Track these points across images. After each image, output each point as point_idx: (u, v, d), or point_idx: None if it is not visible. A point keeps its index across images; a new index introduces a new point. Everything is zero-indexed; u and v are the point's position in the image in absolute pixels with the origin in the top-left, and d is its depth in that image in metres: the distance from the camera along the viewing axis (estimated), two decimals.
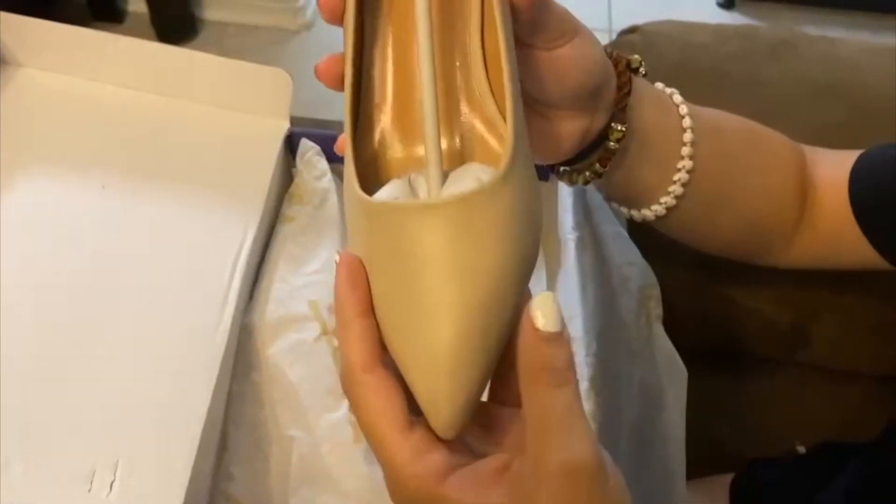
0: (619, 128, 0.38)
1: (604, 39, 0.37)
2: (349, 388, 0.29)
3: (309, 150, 0.51)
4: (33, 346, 0.40)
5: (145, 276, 0.43)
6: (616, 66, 0.38)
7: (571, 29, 0.35)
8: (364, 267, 0.28)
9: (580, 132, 0.38)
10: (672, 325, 0.58)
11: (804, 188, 0.46)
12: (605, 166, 0.39)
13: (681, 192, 0.41)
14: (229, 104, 0.51)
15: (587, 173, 0.40)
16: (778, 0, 2.07)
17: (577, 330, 0.45)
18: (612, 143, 0.38)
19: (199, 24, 1.93)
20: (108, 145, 0.48)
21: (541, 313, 0.26)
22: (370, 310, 0.28)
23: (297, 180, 0.51)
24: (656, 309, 0.55)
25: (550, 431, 0.27)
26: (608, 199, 0.45)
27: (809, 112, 0.72)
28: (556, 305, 0.27)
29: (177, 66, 0.50)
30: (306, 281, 0.45)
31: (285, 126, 0.51)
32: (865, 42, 0.80)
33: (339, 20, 0.32)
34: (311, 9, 1.96)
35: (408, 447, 0.28)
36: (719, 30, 0.82)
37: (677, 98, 0.41)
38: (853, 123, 0.70)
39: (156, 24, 1.88)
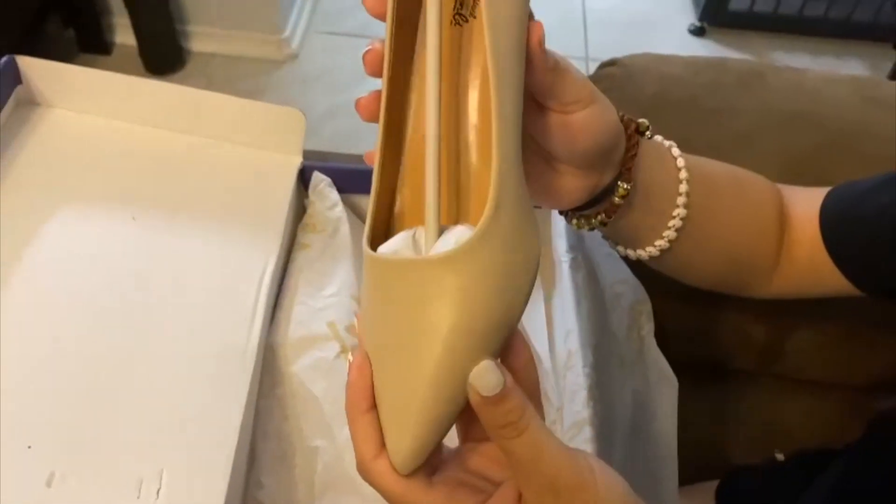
0: (625, 186, 0.41)
1: (580, 68, 0.39)
2: (365, 474, 0.32)
3: (321, 183, 0.55)
4: (80, 369, 0.43)
5: (178, 301, 0.46)
6: (626, 129, 0.41)
7: (587, 96, 0.36)
8: (370, 367, 0.31)
9: (587, 187, 0.40)
10: (656, 339, 0.61)
11: (782, 225, 0.50)
12: (609, 217, 0.42)
13: (674, 237, 0.45)
14: (248, 141, 0.54)
15: (593, 220, 0.43)
16: (746, 28, 2.15)
17: (573, 343, 0.49)
18: (617, 199, 0.41)
19: (185, 56, 1.96)
20: (137, 180, 0.52)
21: (479, 385, 0.29)
22: (374, 405, 0.31)
23: (309, 210, 0.54)
24: (648, 323, 0.59)
25: (527, 471, 0.31)
26: (605, 238, 0.48)
27: (779, 138, 0.76)
28: (491, 371, 0.29)
29: (199, 106, 0.53)
30: (324, 304, 0.49)
31: (298, 160, 0.55)
32: (827, 72, 0.85)
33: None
34: (297, 40, 2.01)
35: (439, 497, 0.32)
36: (692, 62, 0.86)
37: (675, 151, 0.45)
38: (819, 148, 0.74)
39: (143, 55, 1.91)
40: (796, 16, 2.11)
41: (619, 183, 0.41)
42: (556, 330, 0.51)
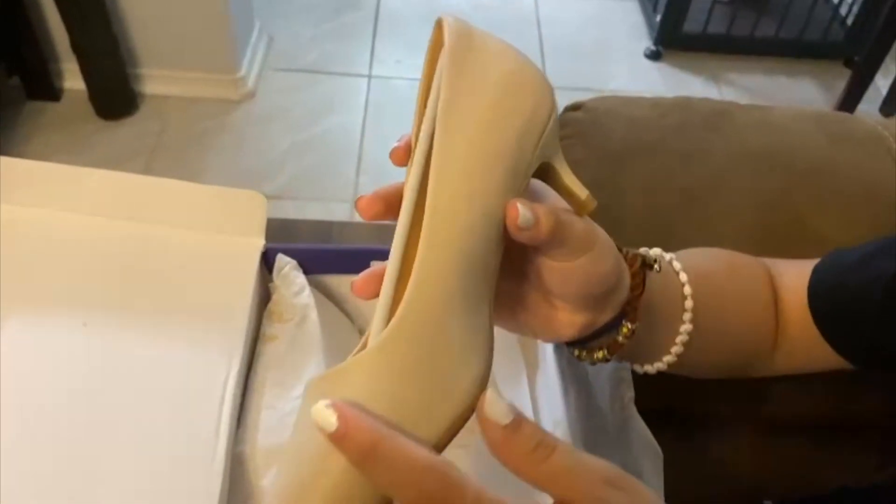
0: (630, 327, 0.39)
1: None
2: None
3: (286, 266, 0.52)
4: (31, 493, 0.39)
5: (135, 414, 0.42)
6: (631, 266, 0.39)
7: (588, 245, 0.34)
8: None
9: (584, 325, 0.38)
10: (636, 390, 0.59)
11: (776, 305, 0.49)
12: (612, 354, 0.40)
13: (681, 351, 0.43)
14: (205, 226, 0.51)
15: (595, 355, 0.41)
16: (701, 50, 2.18)
17: (564, 434, 0.46)
18: (621, 339, 0.39)
19: (138, 99, 1.92)
20: (87, 279, 0.48)
21: (493, 415, 0.28)
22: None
23: (275, 297, 0.51)
24: (629, 391, 0.56)
25: (573, 476, 0.28)
26: None
27: (750, 178, 0.76)
28: (500, 399, 0.28)
29: (151, 192, 0.50)
30: (294, 406, 0.45)
31: (261, 243, 0.52)
32: (791, 108, 0.85)
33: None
34: (252, 78, 1.97)
35: None
36: (658, 103, 0.86)
37: (677, 265, 0.43)
38: (789, 188, 0.74)
39: (94, 101, 1.86)
40: (748, 37, 2.15)
41: (623, 322, 0.39)
42: (543, 418, 0.48)
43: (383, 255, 0.33)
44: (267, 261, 0.53)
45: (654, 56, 2.18)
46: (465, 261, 0.31)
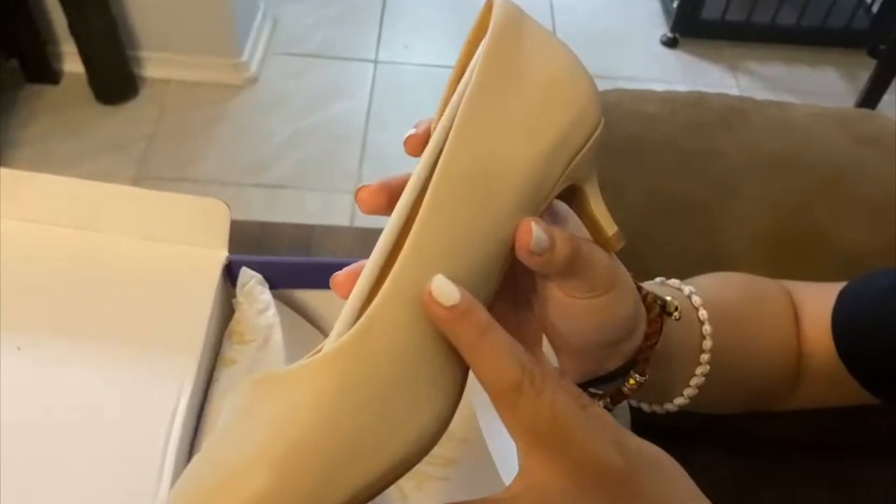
0: (638, 379, 0.35)
1: None
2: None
3: (250, 280, 0.47)
4: None
5: (68, 452, 0.38)
6: (648, 311, 0.34)
7: (607, 284, 0.30)
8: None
9: (583, 371, 0.34)
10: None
11: (798, 335, 0.45)
12: (614, 405, 0.36)
13: (695, 394, 0.39)
14: (162, 237, 0.46)
15: (597, 403, 0.36)
16: (719, 37, 2.11)
17: None
18: (626, 390, 0.35)
19: (139, 83, 1.88)
20: (23, 297, 0.43)
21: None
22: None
23: (237, 315, 0.47)
24: (624, 415, 0.53)
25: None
26: None
27: (767, 182, 0.71)
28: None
29: (104, 200, 0.46)
30: None
31: (223, 255, 0.47)
32: (812, 105, 0.80)
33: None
34: (256, 63, 1.93)
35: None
36: (668, 98, 0.81)
37: (696, 300, 0.39)
38: (809, 193, 0.69)
39: (93, 84, 1.82)
40: (769, 24, 2.07)
41: (631, 373, 0.35)
42: None
43: None
44: (231, 274, 0.48)
45: (670, 43, 2.11)
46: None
